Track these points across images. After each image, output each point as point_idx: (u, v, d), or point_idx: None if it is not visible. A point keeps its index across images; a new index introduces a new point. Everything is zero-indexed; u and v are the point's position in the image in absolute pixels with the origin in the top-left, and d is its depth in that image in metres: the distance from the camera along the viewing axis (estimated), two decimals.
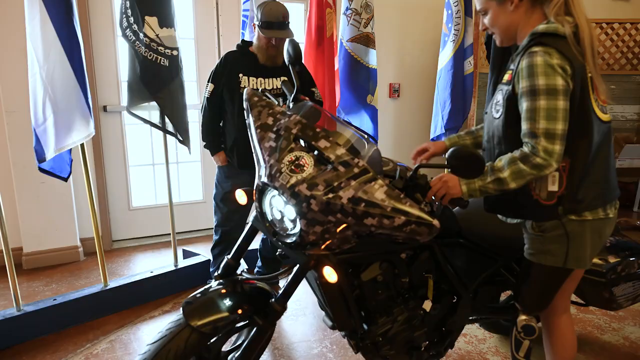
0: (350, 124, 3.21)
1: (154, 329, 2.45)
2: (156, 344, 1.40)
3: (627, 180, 4.97)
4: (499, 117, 1.45)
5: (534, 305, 1.65)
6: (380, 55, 3.82)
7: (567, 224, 1.46)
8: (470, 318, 1.94)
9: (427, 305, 1.71)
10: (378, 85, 3.44)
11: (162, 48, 2.55)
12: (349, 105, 3.35)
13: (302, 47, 3.13)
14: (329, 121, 1.63)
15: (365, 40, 3.24)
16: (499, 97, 1.45)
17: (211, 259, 2.81)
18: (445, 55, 3.51)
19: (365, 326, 1.65)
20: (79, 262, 3.32)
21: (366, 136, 1.49)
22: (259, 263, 2.82)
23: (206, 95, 2.51)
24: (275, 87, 2.48)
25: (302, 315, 2.61)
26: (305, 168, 1.33)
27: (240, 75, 2.44)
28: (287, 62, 1.69)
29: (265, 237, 2.79)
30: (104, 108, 3.48)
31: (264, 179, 1.40)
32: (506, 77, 1.44)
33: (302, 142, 1.41)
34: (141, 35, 2.48)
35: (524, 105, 1.34)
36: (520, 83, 1.35)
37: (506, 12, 1.41)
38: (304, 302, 2.72)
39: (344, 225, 1.33)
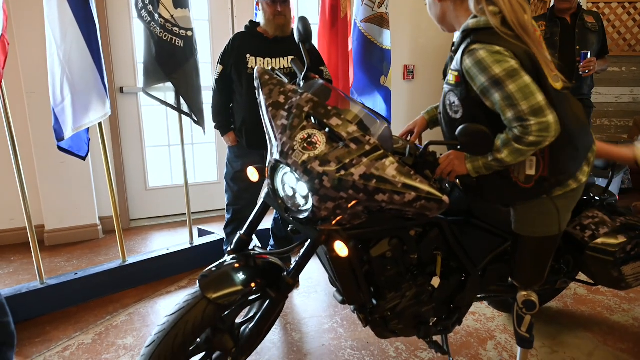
0: (362, 104, 3.23)
1: (170, 303, 2.54)
2: (174, 315, 1.46)
3: None
4: (459, 118, 1.46)
5: (530, 278, 1.68)
6: (395, 36, 3.80)
7: (555, 199, 1.52)
8: (479, 296, 1.98)
9: (436, 281, 1.74)
10: (392, 66, 3.42)
11: (177, 29, 2.58)
12: (362, 86, 3.35)
13: (316, 27, 3.13)
14: (340, 99, 1.65)
15: (380, 20, 3.22)
16: (453, 99, 1.45)
17: (224, 237, 2.87)
18: None
19: (374, 301, 1.70)
20: (98, 239, 3.43)
21: (374, 113, 1.50)
22: (271, 242, 2.87)
23: (215, 77, 2.54)
24: (283, 66, 2.49)
25: (314, 293, 2.67)
26: (317, 145, 1.36)
27: (248, 55, 2.45)
28: (297, 40, 1.70)
29: (277, 216, 2.84)
30: (121, 89, 3.54)
31: (277, 157, 1.43)
32: (452, 78, 1.43)
33: (313, 120, 1.43)
34: (156, 16, 2.51)
35: (495, 97, 1.33)
36: (476, 81, 1.34)
37: (436, 3, 1.47)
38: (316, 280, 2.78)
39: (356, 201, 1.37)
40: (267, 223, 2.87)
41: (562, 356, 2.09)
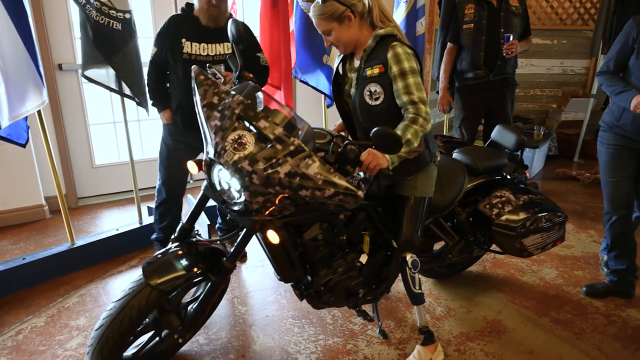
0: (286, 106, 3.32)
1: (122, 282, 2.65)
2: (120, 301, 1.60)
3: (570, 132, 5.30)
4: (380, 103, 1.78)
5: (414, 238, 1.94)
6: None
7: (437, 164, 2.01)
8: None
9: (364, 258, 1.96)
10: None
11: (114, 12, 2.57)
12: (305, 65, 3.44)
13: (258, 8, 3.16)
14: (269, 101, 1.76)
15: None
16: (374, 87, 1.76)
17: (156, 217, 2.80)
18: (399, 15, 3.60)
19: (309, 278, 1.89)
20: (45, 220, 3.44)
21: (298, 116, 1.64)
22: (219, 220, 3.00)
23: (150, 59, 2.53)
24: (218, 52, 2.49)
25: (260, 267, 2.85)
26: (247, 146, 1.49)
27: (184, 40, 2.43)
28: (231, 42, 1.79)
29: None
30: (59, 66, 3.46)
31: (211, 155, 1.56)
32: (377, 70, 1.74)
33: (244, 122, 1.55)
34: None
35: (399, 84, 1.72)
36: (392, 69, 1.71)
37: (346, 29, 1.75)
38: (262, 254, 2.95)
39: (282, 196, 1.52)
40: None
41: (475, 315, 2.39)
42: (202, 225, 3.05)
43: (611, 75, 2.37)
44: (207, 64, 2.36)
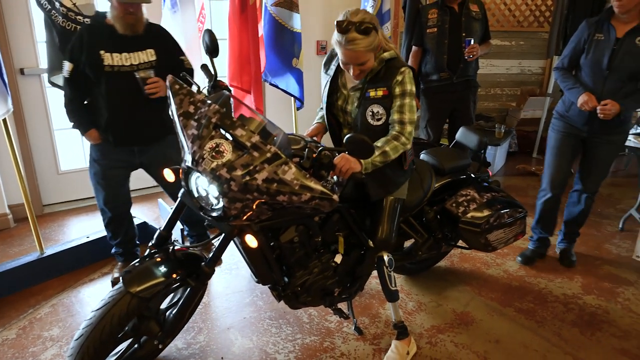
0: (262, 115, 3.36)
1: (95, 291, 2.63)
2: (100, 310, 1.61)
3: (529, 129, 5.55)
4: (382, 124, 1.87)
5: (390, 238, 2.03)
6: (307, 14, 3.93)
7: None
8: None
9: (339, 258, 2.02)
10: (306, 43, 3.57)
11: (81, 17, 2.54)
12: (274, 68, 3.48)
13: (226, 13, 3.18)
14: (244, 109, 1.81)
15: (289, 4, 3.33)
16: (378, 109, 1.85)
17: (109, 235, 2.73)
18: None
19: (285, 279, 1.95)
20: (9, 229, 3.34)
21: (272, 122, 1.69)
22: (186, 227, 2.94)
23: (65, 75, 2.33)
24: (142, 61, 2.36)
25: (235, 269, 2.88)
26: (224, 154, 1.53)
27: (102, 52, 2.28)
28: (205, 52, 1.82)
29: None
30: (21, 71, 3.37)
31: (189, 164, 1.58)
32: (380, 93, 1.82)
33: (221, 130, 1.59)
34: (57, 4, 2.45)
35: (396, 102, 1.83)
36: (396, 89, 1.83)
37: (373, 56, 1.79)
38: (237, 257, 2.98)
39: (260, 201, 1.57)
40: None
41: (445, 308, 2.50)
42: (175, 229, 3.04)
43: (565, 71, 2.72)
44: (135, 73, 2.31)
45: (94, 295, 2.58)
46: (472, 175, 2.46)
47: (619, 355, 2.17)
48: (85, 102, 2.44)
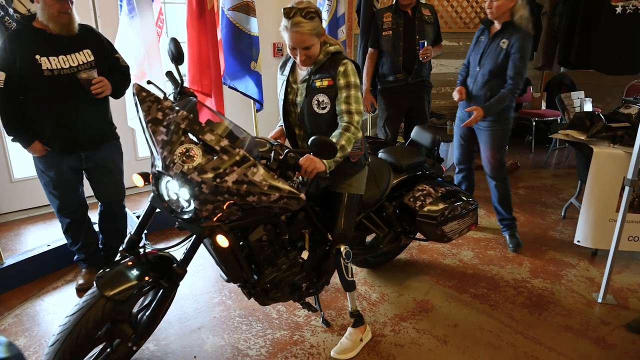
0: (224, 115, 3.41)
1: (59, 299, 2.60)
2: (75, 315, 1.63)
3: None
4: (326, 112, 1.99)
5: (346, 231, 2.14)
6: (262, 17, 3.98)
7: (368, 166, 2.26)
8: None
9: (305, 254, 2.11)
10: (262, 45, 3.64)
11: None
12: (233, 72, 3.52)
13: (183, 17, 3.20)
14: (210, 114, 1.86)
15: (246, 8, 3.39)
16: (322, 98, 1.96)
17: (69, 241, 2.69)
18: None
19: (255, 277, 2.02)
20: None
21: (238, 126, 1.77)
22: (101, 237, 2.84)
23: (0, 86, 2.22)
24: (80, 62, 2.32)
25: (202, 270, 2.92)
26: (195, 158, 1.59)
27: (38, 57, 2.21)
28: (170, 60, 1.87)
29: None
30: None
31: (159, 169, 1.63)
32: (326, 83, 1.95)
33: (190, 135, 1.65)
34: (11, 10, 2.40)
35: (342, 94, 1.95)
36: (339, 81, 1.95)
37: (318, 44, 1.95)
38: (203, 258, 3.01)
39: (230, 202, 1.64)
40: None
41: (406, 298, 2.65)
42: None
43: (463, 67, 3.26)
44: (77, 75, 2.29)
45: (59, 303, 2.56)
46: (427, 172, 2.62)
47: (564, 332, 2.38)
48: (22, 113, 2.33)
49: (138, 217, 2.32)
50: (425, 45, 3.33)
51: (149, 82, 1.91)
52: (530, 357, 2.18)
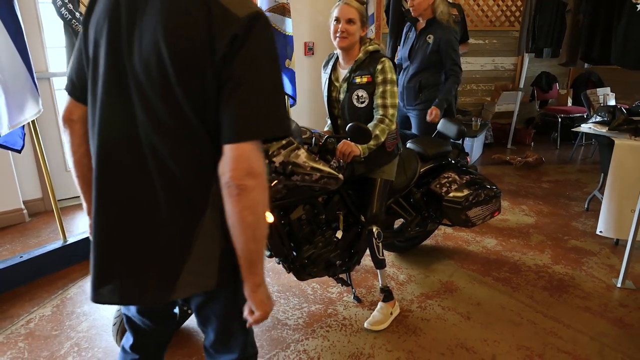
0: None
1: None
2: None
3: (503, 122, 5.95)
4: (365, 106, 2.19)
5: (379, 213, 2.34)
6: (295, 16, 4.21)
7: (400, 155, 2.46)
8: None
9: (339, 234, 2.32)
10: (294, 46, 3.86)
11: None
12: None
13: None
14: None
15: (282, 10, 3.62)
16: (362, 93, 2.16)
17: None
18: None
19: (294, 253, 2.24)
20: (24, 223, 3.56)
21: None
22: None
23: None
24: None
25: None
26: None
27: None
28: None
29: None
30: None
31: None
32: (365, 79, 2.14)
33: None
34: (77, 14, 2.68)
35: (379, 89, 2.15)
36: (378, 77, 2.15)
37: (358, 31, 2.15)
38: None
39: (276, 181, 1.86)
40: None
41: (432, 279, 2.83)
42: None
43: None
44: None
45: None
46: (453, 161, 2.79)
47: (583, 312, 2.52)
48: None
49: None
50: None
51: None
52: (549, 333, 2.33)
